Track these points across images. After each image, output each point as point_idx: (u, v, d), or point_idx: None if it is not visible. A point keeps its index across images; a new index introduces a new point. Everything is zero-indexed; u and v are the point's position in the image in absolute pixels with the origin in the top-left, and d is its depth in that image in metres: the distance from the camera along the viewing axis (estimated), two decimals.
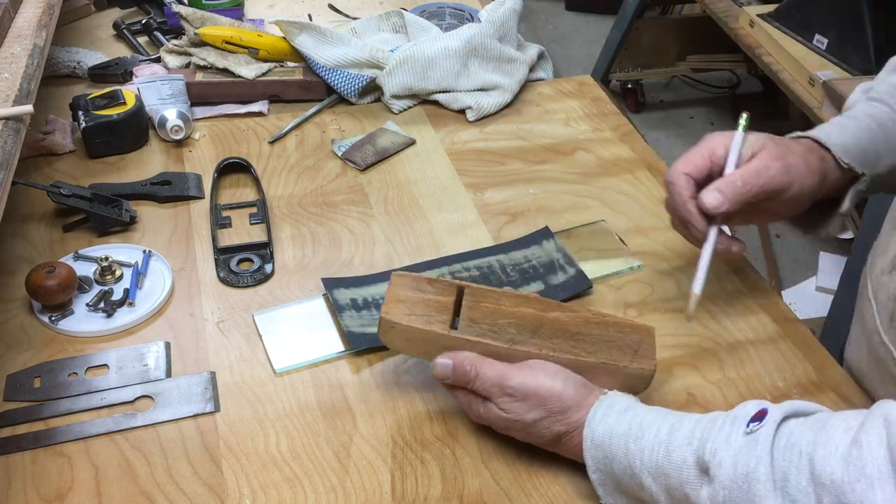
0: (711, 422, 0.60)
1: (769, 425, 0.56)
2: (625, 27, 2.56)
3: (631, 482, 0.63)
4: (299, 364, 0.78)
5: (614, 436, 0.64)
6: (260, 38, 1.17)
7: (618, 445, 0.64)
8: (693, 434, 0.60)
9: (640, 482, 0.62)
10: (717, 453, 0.57)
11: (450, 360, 0.69)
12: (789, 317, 0.85)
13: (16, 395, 0.75)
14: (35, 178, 1.00)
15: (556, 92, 1.22)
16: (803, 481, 0.53)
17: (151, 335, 0.81)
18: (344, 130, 1.12)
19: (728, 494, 0.56)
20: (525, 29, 3.23)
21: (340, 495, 0.67)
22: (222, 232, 0.94)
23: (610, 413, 0.66)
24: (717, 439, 0.58)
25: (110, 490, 0.67)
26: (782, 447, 0.55)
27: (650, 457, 0.61)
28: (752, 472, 0.55)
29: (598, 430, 0.65)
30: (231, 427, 0.72)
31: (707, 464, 0.57)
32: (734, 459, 0.56)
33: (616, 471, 0.64)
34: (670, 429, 0.62)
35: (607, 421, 0.65)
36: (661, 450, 0.61)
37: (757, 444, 0.56)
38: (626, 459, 0.63)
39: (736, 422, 0.58)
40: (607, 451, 0.64)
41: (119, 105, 1.05)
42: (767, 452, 0.55)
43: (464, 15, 1.32)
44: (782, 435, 0.56)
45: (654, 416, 0.64)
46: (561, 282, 0.87)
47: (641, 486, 0.62)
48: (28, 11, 0.96)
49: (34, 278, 0.80)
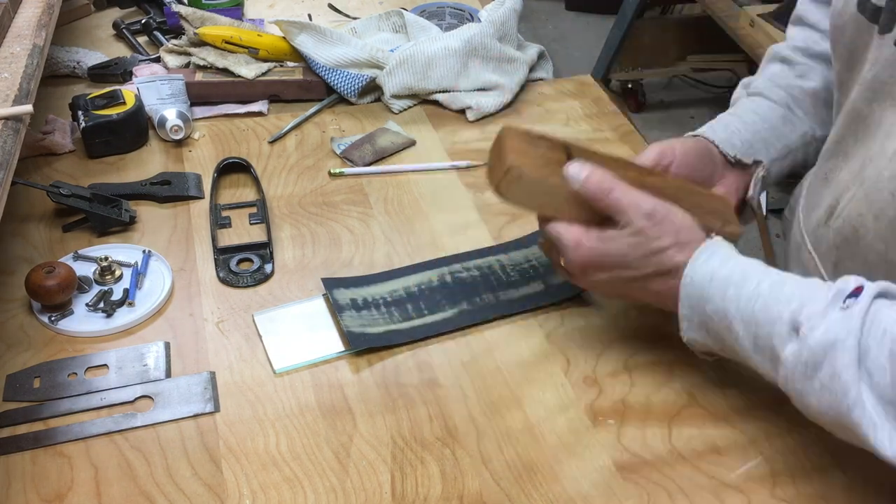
0: (814, 290, 0.63)
1: (864, 301, 0.59)
2: (625, 27, 2.56)
3: (720, 324, 0.66)
4: (299, 364, 0.78)
5: (715, 279, 0.67)
6: (260, 37, 1.17)
7: (717, 288, 0.67)
8: (794, 295, 0.63)
9: (730, 325, 0.65)
10: (812, 319, 0.60)
11: (586, 170, 0.71)
12: None
13: (16, 396, 0.75)
14: (35, 178, 1.00)
15: (556, 92, 1.22)
16: (882, 358, 0.57)
17: (151, 335, 0.81)
18: (344, 130, 1.12)
19: (811, 355, 0.59)
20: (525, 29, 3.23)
21: (340, 495, 0.67)
22: (222, 232, 0.94)
23: (713, 258, 0.68)
24: (815, 307, 0.60)
25: (110, 490, 0.67)
26: (869, 323, 0.58)
27: (747, 304, 0.64)
28: (840, 342, 0.58)
29: (700, 271, 0.68)
30: (231, 427, 0.72)
31: (800, 324, 0.60)
32: (826, 328, 0.59)
33: (708, 311, 0.67)
34: (771, 284, 0.65)
35: (711, 262, 0.68)
36: (759, 301, 0.64)
37: (851, 319, 0.58)
38: (723, 303, 0.66)
39: (836, 295, 0.60)
40: (705, 292, 0.67)
41: (119, 105, 1.05)
42: (858, 328, 0.58)
43: (464, 15, 1.32)
44: (871, 311, 0.59)
45: (755, 268, 0.67)
46: (562, 281, 0.87)
47: (729, 329, 0.66)
48: (28, 11, 0.96)
49: (34, 278, 0.80)
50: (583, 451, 0.70)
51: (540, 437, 0.72)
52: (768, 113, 0.87)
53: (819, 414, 0.61)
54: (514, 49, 1.20)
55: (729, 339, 0.67)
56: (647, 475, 0.69)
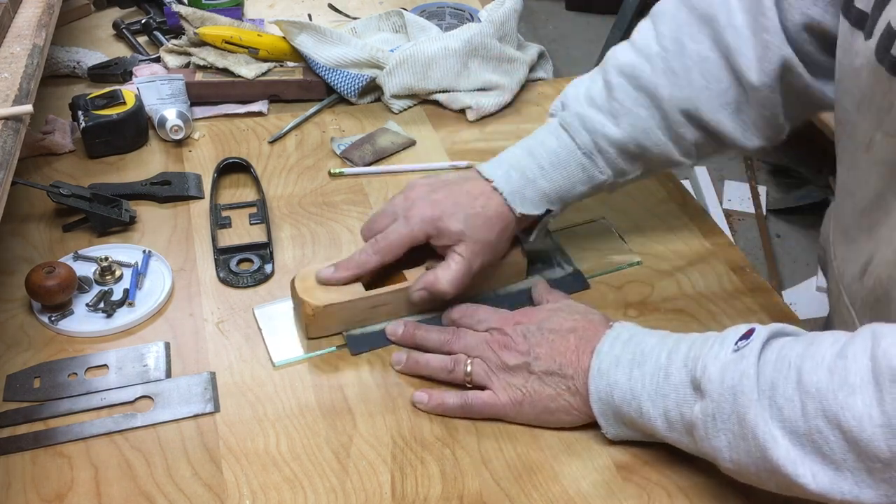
0: (704, 342, 0.63)
1: (756, 342, 0.59)
2: (625, 27, 2.57)
3: (630, 409, 0.66)
4: (298, 357, 0.79)
5: (620, 364, 0.67)
6: (260, 37, 1.17)
7: (622, 373, 0.66)
8: (689, 355, 0.63)
9: (640, 406, 0.65)
10: (707, 369, 0.60)
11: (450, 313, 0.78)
12: (790, 317, 0.85)
13: (15, 396, 0.75)
14: (35, 178, 1.00)
15: (556, 92, 1.22)
16: (790, 390, 0.55)
17: (151, 335, 0.81)
18: (344, 130, 1.12)
19: (716, 407, 0.59)
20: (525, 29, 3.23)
21: (340, 496, 0.67)
22: (222, 232, 0.94)
23: (616, 344, 0.69)
24: (708, 357, 0.60)
25: (110, 490, 0.67)
26: (773, 360, 0.58)
27: (651, 381, 0.64)
28: (737, 385, 0.57)
29: (605, 361, 0.68)
30: (231, 427, 0.72)
31: (699, 381, 0.60)
32: (721, 374, 0.59)
33: (616, 399, 0.66)
34: (668, 353, 0.65)
35: (613, 352, 0.68)
36: (661, 373, 0.64)
37: (743, 359, 0.58)
38: (629, 384, 0.66)
39: (726, 340, 0.61)
40: (611, 380, 0.67)
41: (119, 105, 1.05)
42: (753, 365, 0.57)
43: (464, 15, 1.32)
44: (773, 349, 0.58)
45: (654, 342, 0.67)
46: (558, 277, 0.88)
47: (640, 412, 0.65)
48: (28, 11, 0.96)
49: (34, 278, 0.80)
50: (583, 451, 0.70)
51: (540, 437, 0.72)
52: (569, 159, 0.81)
53: (743, 468, 0.59)
54: (514, 49, 1.20)
55: (642, 423, 0.65)
56: (647, 475, 0.69)
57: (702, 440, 0.61)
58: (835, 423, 0.53)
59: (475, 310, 0.79)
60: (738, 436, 0.58)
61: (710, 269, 0.91)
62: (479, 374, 0.73)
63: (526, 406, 0.71)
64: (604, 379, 0.67)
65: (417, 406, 0.74)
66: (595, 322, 0.73)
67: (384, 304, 0.80)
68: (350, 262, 0.79)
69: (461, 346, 0.75)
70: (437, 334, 0.77)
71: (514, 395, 0.71)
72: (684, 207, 1.00)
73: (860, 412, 0.51)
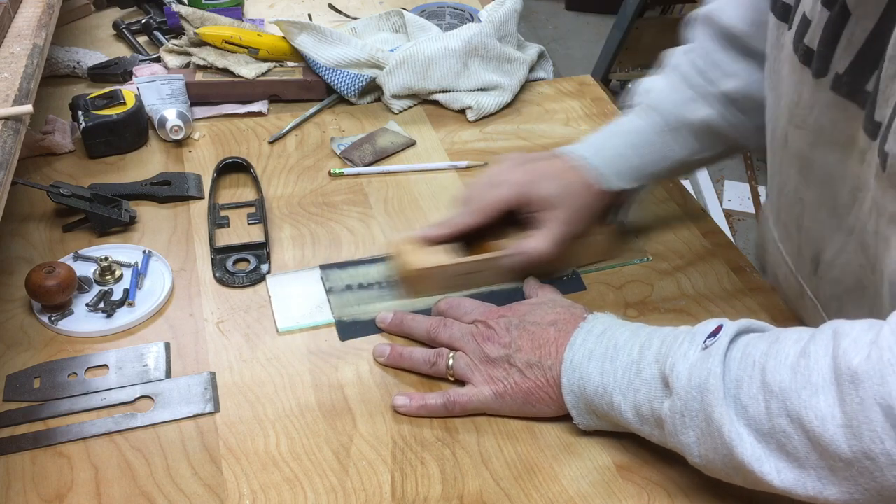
0: (675, 338, 0.63)
1: (722, 339, 0.59)
2: (625, 27, 2.57)
3: (601, 402, 0.66)
4: (302, 325, 0.81)
5: (592, 357, 0.67)
6: (260, 37, 1.17)
7: (594, 367, 0.67)
8: (660, 351, 0.63)
9: (611, 400, 0.65)
10: (675, 367, 0.60)
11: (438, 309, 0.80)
12: (790, 317, 0.85)
13: (15, 396, 0.75)
14: (35, 178, 1.00)
15: (556, 92, 1.22)
16: (754, 388, 0.56)
17: (151, 335, 0.81)
18: (344, 130, 1.12)
19: (683, 405, 0.59)
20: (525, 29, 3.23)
21: (340, 496, 0.67)
22: (221, 232, 0.94)
23: (589, 338, 0.69)
24: (677, 354, 0.61)
25: (110, 490, 0.67)
26: (738, 358, 0.58)
27: (623, 376, 0.65)
28: (704, 383, 0.58)
29: (578, 354, 0.68)
30: (231, 427, 0.72)
31: (668, 378, 0.61)
32: (689, 372, 0.59)
33: (588, 392, 0.67)
34: (640, 348, 0.65)
35: (586, 345, 0.68)
36: (633, 368, 0.64)
37: (710, 357, 0.59)
38: (601, 379, 0.66)
39: (695, 338, 0.61)
40: (583, 373, 0.67)
41: (119, 105, 1.05)
42: (719, 364, 0.58)
43: (464, 15, 1.32)
44: (738, 347, 0.59)
45: (628, 335, 0.67)
46: (561, 275, 0.88)
47: (611, 405, 0.65)
48: (28, 11, 0.96)
49: (34, 278, 0.80)
50: (583, 451, 0.70)
51: (540, 437, 0.72)
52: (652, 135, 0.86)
53: (711, 464, 0.60)
54: (514, 49, 1.20)
55: (614, 416, 0.66)
56: (647, 475, 0.69)
57: (671, 435, 0.62)
58: (798, 422, 0.53)
59: (461, 301, 0.80)
60: (706, 433, 0.59)
61: (710, 269, 0.91)
62: (461, 367, 0.73)
63: (508, 398, 0.71)
64: (576, 372, 0.68)
65: (399, 411, 0.73)
66: (577, 315, 0.73)
67: (478, 272, 0.84)
68: (448, 222, 0.83)
69: (447, 335, 0.76)
70: (424, 322, 0.78)
71: (496, 388, 0.71)
72: (684, 207, 1.00)
73: (823, 412, 0.52)
